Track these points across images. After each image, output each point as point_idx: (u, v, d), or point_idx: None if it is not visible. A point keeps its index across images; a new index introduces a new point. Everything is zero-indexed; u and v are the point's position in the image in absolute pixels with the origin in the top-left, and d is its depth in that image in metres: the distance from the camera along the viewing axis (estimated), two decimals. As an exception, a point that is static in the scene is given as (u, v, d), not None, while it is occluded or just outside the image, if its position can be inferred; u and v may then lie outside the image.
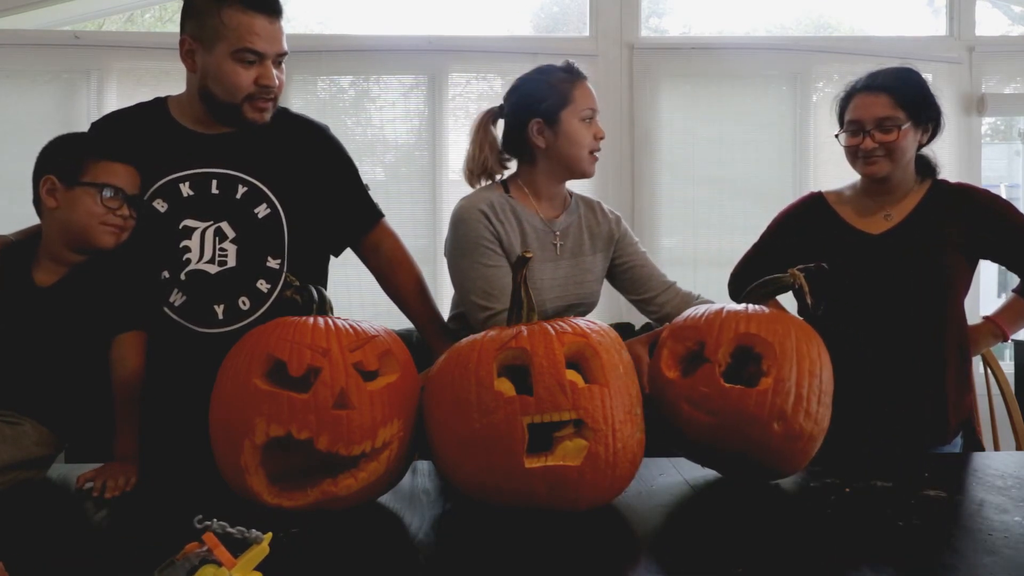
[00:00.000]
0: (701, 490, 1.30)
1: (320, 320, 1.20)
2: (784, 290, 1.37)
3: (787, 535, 1.09)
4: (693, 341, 1.29)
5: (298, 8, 3.46)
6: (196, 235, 1.53)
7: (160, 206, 1.53)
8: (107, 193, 1.41)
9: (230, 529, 0.85)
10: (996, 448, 2.11)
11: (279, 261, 1.56)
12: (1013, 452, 1.65)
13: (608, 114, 3.19)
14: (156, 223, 1.55)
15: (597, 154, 1.68)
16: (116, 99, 3.03)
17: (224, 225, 1.53)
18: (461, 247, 1.63)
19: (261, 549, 0.85)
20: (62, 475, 1.42)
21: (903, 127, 1.64)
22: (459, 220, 1.65)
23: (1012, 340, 2.69)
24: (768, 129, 3.21)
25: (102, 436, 1.45)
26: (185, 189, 1.53)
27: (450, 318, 1.79)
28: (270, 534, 0.86)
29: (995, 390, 1.99)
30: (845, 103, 1.73)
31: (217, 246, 1.53)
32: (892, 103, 1.65)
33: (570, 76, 1.66)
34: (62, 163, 1.41)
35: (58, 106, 3.01)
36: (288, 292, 1.29)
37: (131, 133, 1.56)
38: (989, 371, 2.01)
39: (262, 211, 1.55)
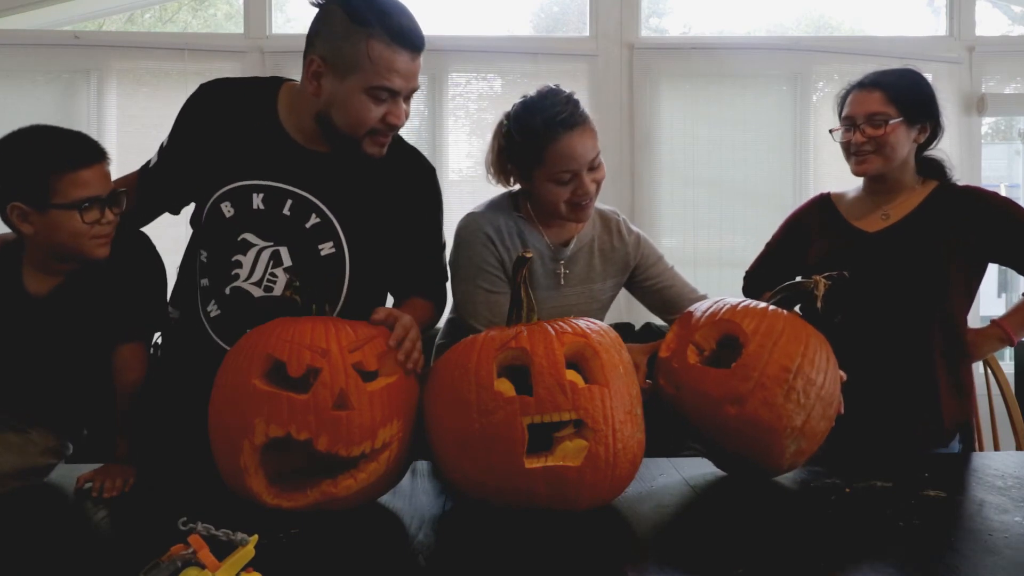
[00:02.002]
0: (701, 490, 1.30)
1: (320, 321, 1.20)
2: (806, 296, 1.37)
3: (787, 535, 1.09)
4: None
5: (299, 8, 3.46)
6: (251, 252, 1.41)
7: (226, 210, 1.42)
8: (86, 206, 1.29)
9: (216, 532, 0.85)
10: (996, 448, 2.11)
11: (329, 304, 1.43)
12: (1013, 452, 1.65)
13: (608, 114, 3.20)
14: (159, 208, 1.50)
15: (586, 203, 1.51)
16: (116, 99, 3.03)
17: (283, 251, 1.41)
18: (464, 269, 1.57)
19: (246, 552, 0.85)
20: (62, 475, 1.42)
21: (892, 122, 1.64)
22: (463, 242, 1.57)
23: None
24: (768, 129, 3.21)
25: (102, 437, 1.45)
26: (257, 201, 1.41)
27: (447, 320, 1.78)
28: (255, 536, 0.86)
29: (995, 391, 1.99)
30: (843, 101, 1.74)
31: (269, 270, 1.41)
32: (884, 99, 1.66)
33: (547, 130, 1.46)
34: (25, 187, 1.28)
35: (58, 106, 3.02)
36: (288, 292, 1.29)
37: (232, 114, 1.44)
38: (989, 372, 2.01)
39: (326, 248, 1.42)
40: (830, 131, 1.75)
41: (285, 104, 1.45)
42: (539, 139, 1.47)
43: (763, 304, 1.32)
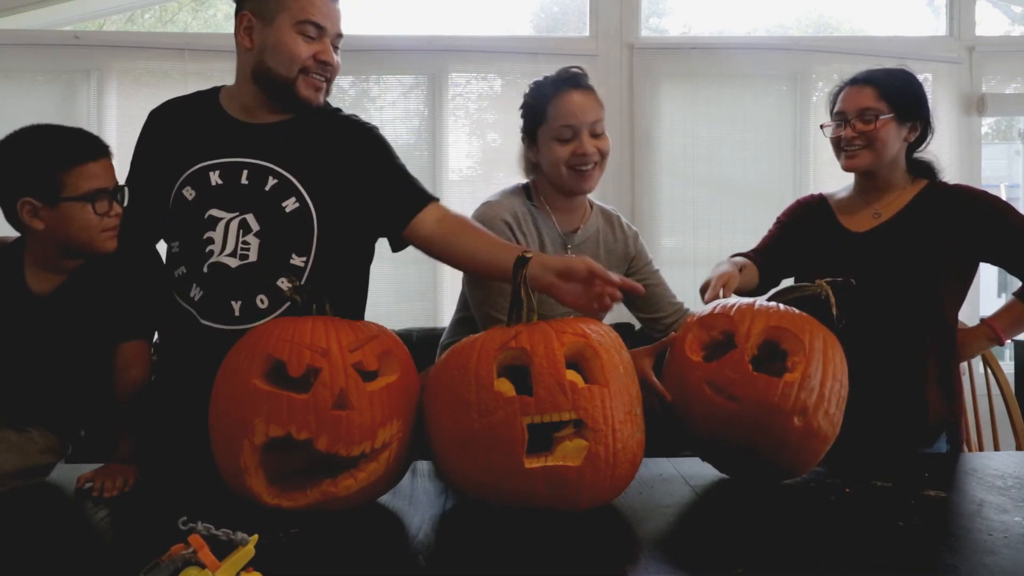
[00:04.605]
0: (701, 490, 1.30)
1: (320, 320, 1.20)
2: (809, 299, 1.36)
3: (787, 535, 1.09)
4: (719, 331, 1.30)
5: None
6: (220, 226, 1.47)
7: (188, 194, 1.49)
8: (97, 199, 1.33)
9: (216, 531, 0.85)
10: (996, 448, 2.11)
11: (304, 259, 1.48)
12: (1013, 452, 1.65)
13: (608, 114, 3.18)
14: (154, 214, 1.53)
15: (587, 169, 1.58)
16: (116, 99, 3.03)
17: (249, 217, 1.47)
18: None
19: (246, 552, 0.85)
20: (62, 475, 1.42)
21: (882, 117, 1.65)
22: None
23: (1012, 340, 2.69)
24: (768, 129, 3.21)
25: (102, 437, 1.45)
26: (214, 178, 1.49)
27: (455, 320, 1.78)
28: (256, 536, 0.86)
29: (995, 391, 1.99)
30: (835, 97, 1.75)
31: (240, 239, 1.47)
32: (876, 95, 1.67)
33: (553, 89, 1.60)
34: (34, 182, 1.31)
35: (58, 106, 3.02)
36: (287, 292, 1.29)
37: (179, 120, 1.55)
38: (989, 371, 2.01)
39: (290, 205, 1.48)
40: (821, 126, 1.76)
41: (226, 96, 1.57)
42: (546, 97, 1.59)
43: (792, 308, 1.31)
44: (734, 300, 1.35)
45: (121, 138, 3.00)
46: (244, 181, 1.48)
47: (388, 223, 1.56)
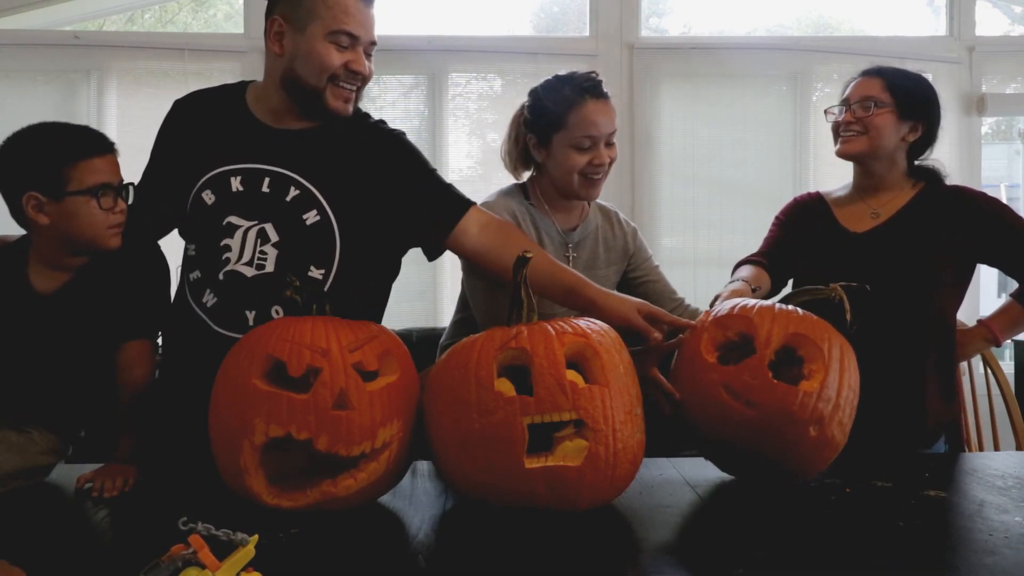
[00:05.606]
0: (702, 491, 1.30)
1: (320, 320, 1.20)
2: (821, 303, 1.36)
3: (787, 535, 1.09)
4: (736, 332, 1.28)
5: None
6: (238, 234, 1.44)
7: (208, 198, 1.46)
8: (101, 192, 1.34)
9: (216, 532, 0.85)
10: (996, 448, 2.11)
11: (323, 272, 1.45)
12: (1013, 452, 1.64)
13: (608, 114, 3.21)
14: (169, 222, 1.53)
15: (597, 177, 1.59)
16: (116, 99, 3.04)
17: (268, 227, 1.44)
18: None
19: (247, 552, 0.85)
20: (62, 475, 1.42)
21: (882, 107, 1.65)
22: None
23: (1012, 340, 2.70)
24: (768, 129, 3.22)
25: (102, 437, 1.45)
26: (235, 183, 1.45)
27: (455, 321, 1.78)
28: (256, 536, 0.86)
29: (995, 391, 1.99)
30: (846, 86, 1.76)
31: (258, 248, 1.44)
32: (882, 86, 1.68)
33: (575, 96, 1.57)
34: (39, 176, 1.31)
35: (58, 106, 3.02)
36: (288, 292, 1.29)
37: (204, 115, 1.52)
38: (989, 371, 2.01)
39: (311, 217, 1.45)
40: (825, 111, 1.77)
41: (252, 96, 1.53)
42: (566, 103, 1.57)
43: (810, 313, 1.30)
44: (753, 301, 1.33)
45: (121, 138, 2.92)
46: (265, 189, 1.45)
47: (428, 233, 1.51)
